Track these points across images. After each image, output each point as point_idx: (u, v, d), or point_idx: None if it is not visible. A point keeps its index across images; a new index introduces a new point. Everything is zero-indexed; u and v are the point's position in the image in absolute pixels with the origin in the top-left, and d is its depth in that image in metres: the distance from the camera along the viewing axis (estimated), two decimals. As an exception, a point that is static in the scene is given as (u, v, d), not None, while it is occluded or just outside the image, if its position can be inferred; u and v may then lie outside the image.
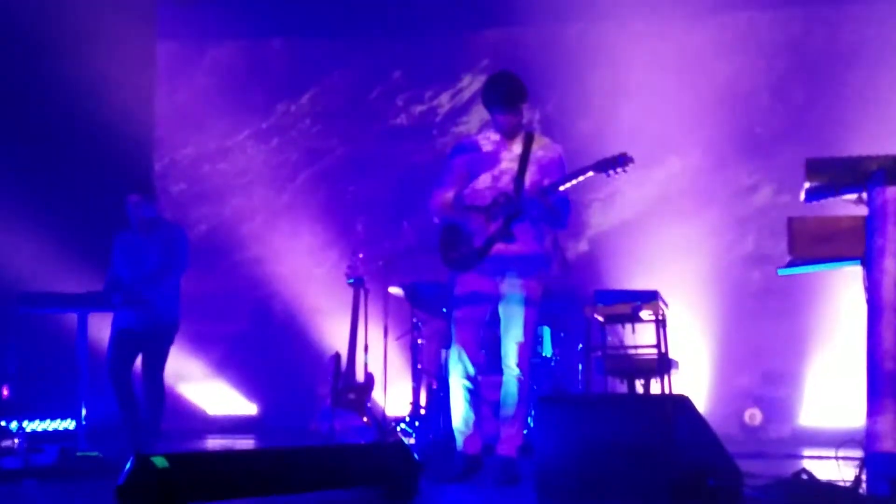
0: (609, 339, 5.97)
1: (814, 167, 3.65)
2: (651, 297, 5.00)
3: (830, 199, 3.74)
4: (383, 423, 6.20)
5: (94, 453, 5.76)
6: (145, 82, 8.89)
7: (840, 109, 7.89)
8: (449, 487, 4.29)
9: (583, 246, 8.38)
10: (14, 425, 6.63)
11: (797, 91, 8.16)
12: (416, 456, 3.85)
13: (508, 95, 4.49)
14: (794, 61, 8.22)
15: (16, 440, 6.38)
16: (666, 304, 5.22)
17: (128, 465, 3.12)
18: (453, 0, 8.58)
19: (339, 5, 8.78)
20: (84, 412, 5.79)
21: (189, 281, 8.56)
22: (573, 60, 8.50)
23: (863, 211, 3.59)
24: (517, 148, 4.56)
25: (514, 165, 4.53)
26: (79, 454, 5.76)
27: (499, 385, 4.62)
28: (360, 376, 6.18)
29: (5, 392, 6.72)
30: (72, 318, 5.72)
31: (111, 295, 5.82)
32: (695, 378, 7.64)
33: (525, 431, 4.67)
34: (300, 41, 9.19)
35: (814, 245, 3.68)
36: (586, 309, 5.12)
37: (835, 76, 8.04)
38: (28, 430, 6.77)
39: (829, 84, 8.04)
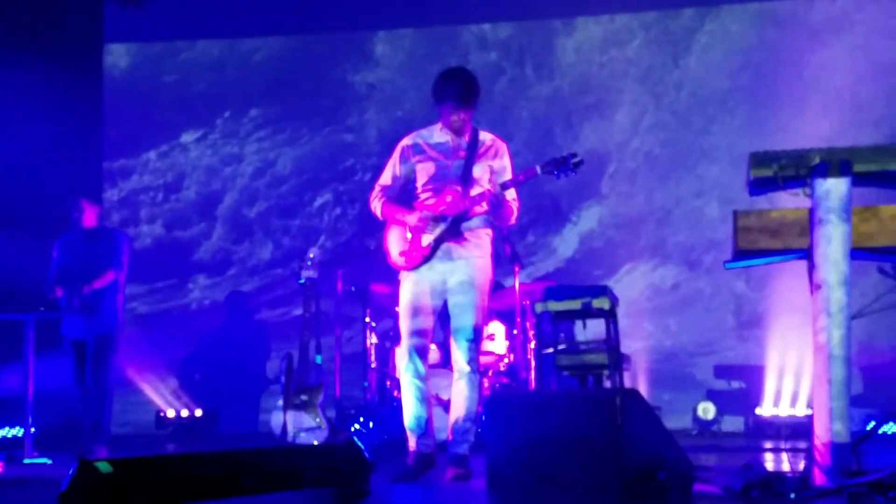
0: (561, 335, 5.99)
1: (757, 160, 3.67)
2: (600, 292, 5.01)
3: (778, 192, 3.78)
4: (336, 424, 6.16)
5: (44, 460, 5.69)
6: (93, 85, 8.75)
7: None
8: (401, 486, 4.26)
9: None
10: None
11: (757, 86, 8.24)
12: (367, 455, 3.82)
13: (462, 91, 4.46)
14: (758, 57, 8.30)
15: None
16: (616, 300, 5.24)
17: (71, 471, 3.06)
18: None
19: (287, 5, 8.70)
20: (31, 419, 5.72)
21: (138, 284, 8.49)
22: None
23: (807, 203, 3.63)
24: (464, 145, 4.55)
25: (462, 162, 4.52)
26: (26, 461, 5.68)
27: (450, 383, 4.60)
28: (312, 377, 6.13)
29: None
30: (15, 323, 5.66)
31: (58, 298, 5.77)
32: (648, 372, 7.69)
33: (478, 429, 4.66)
34: (247, 43, 9.10)
35: (759, 238, 3.71)
36: (537, 305, 5.12)
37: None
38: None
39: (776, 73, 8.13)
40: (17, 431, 6.82)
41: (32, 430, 5.87)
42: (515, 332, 6.35)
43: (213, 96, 9.06)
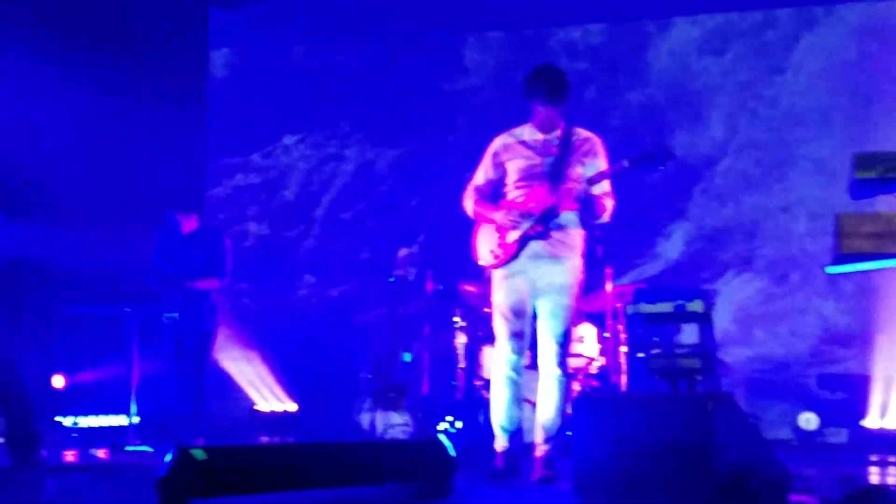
0: (656, 339, 5.88)
1: (862, 162, 3.57)
2: (694, 295, 4.91)
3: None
4: (423, 422, 6.18)
5: (145, 448, 5.89)
6: (198, 88, 8.99)
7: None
8: (486, 485, 4.25)
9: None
10: (69, 421, 6.79)
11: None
12: (452, 453, 3.83)
13: (552, 89, 4.44)
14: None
15: (73, 434, 6.59)
16: (712, 303, 5.12)
17: (168, 458, 3.17)
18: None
19: (383, 8, 8.77)
20: (135, 407, 5.92)
21: (244, 281, 8.71)
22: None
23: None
24: (556, 142, 4.51)
25: (553, 159, 4.48)
26: (128, 449, 5.89)
27: (539, 384, 4.56)
28: (400, 375, 6.17)
29: (61, 383, 6.85)
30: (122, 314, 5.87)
31: (162, 292, 5.93)
32: (749, 380, 7.50)
33: (568, 432, 4.60)
34: (346, 47, 9.24)
35: (862, 242, 3.59)
36: (628, 308, 5.04)
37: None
38: (82, 425, 6.91)
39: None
40: (122, 420, 7.06)
41: (136, 419, 6.08)
42: (607, 334, 6.27)
43: (310, 101, 9.24)
